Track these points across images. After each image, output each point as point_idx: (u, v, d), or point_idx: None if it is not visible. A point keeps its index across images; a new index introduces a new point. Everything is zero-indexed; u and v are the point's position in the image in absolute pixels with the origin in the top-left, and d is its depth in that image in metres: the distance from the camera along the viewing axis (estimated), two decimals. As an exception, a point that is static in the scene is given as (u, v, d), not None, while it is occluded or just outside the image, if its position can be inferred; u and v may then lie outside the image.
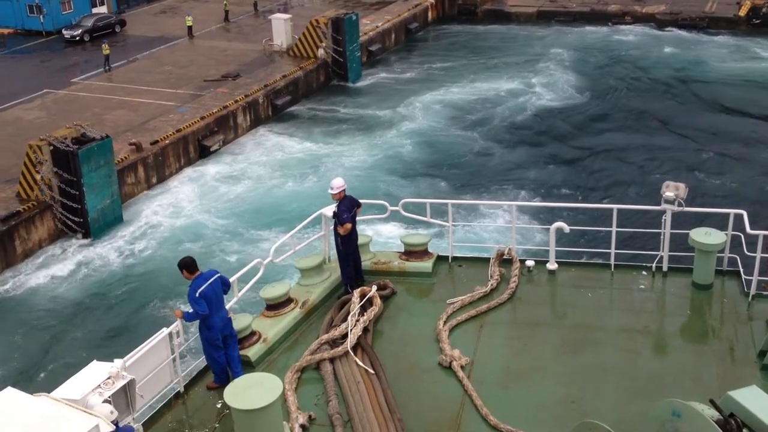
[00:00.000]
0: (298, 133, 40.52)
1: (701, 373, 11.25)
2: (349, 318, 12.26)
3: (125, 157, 33.76)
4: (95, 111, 40.02)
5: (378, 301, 12.92)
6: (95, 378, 9.16)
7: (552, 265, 14.16)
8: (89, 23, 54.60)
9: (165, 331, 10.93)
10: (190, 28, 54.09)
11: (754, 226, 12.80)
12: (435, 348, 12.00)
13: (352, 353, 11.68)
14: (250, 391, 8.98)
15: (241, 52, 50.15)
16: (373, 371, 11.37)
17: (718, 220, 14.22)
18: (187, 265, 11.20)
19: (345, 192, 13.46)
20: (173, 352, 11.06)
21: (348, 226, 13.26)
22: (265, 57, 48.70)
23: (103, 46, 47.49)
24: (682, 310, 13.10)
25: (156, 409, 11.07)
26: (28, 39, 55.32)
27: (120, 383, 9.04)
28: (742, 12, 56.11)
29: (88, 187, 30.10)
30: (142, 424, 10.21)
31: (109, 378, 9.08)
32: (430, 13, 61.05)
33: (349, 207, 13.39)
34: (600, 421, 7.87)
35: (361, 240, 14.18)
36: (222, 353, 11.34)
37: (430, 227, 20.26)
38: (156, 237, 31.06)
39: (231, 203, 33.56)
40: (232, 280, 11.84)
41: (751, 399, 7.48)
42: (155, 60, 49.23)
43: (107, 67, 47.01)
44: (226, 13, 57.79)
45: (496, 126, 40.89)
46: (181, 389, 11.46)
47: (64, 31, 54.06)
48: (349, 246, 13.52)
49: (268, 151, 38.57)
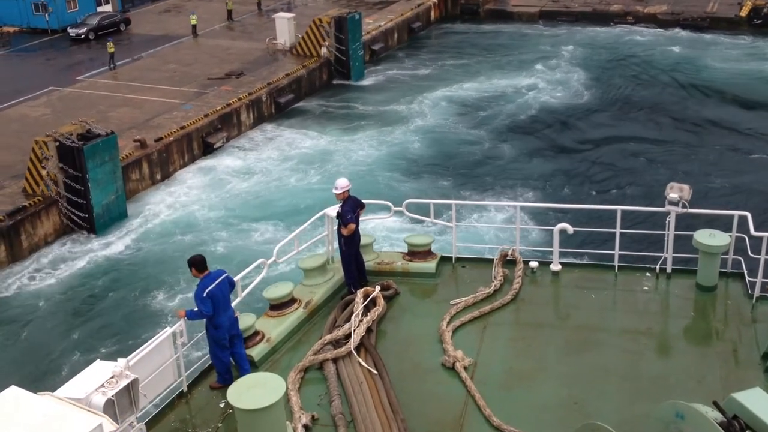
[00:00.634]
0: (300, 130, 40.58)
1: (705, 374, 11.22)
2: (353, 318, 12.25)
3: (130, 154, 33.88)
4: (100, 108, 40.13)
5: (381, 301, 12.92)
6: (99, 377, 9.16)
7: (555, 266, 14.15)
8: (94, 22, 54.76)
9: (168, 330, 10.92)
10: (195, 26, 54.14)
11: (758, 228, 12.77)
12: (438, 349, 11.98)
13: (356, 353, 11.67)
14: (254, 390, 8.97)
15: (244, 50, 50.19)
16: (376, 371, 11.36)
17: (722, 221, 14.17)
18: (197, 263, 11.21)
19: (349, 192, 13.44)
20: (176, 352, 11.05)
21: (352, 226, 13.24)
22: (269, 55, 48.75)
23: (107, 44, 47.62)
24: (686, 311, 13.07)
25: (159, 409, 11.08)
26: (34, 37, 55.47)
27: (123, 382, 9.04)
28: (743, 12, 56.10)
29: (93, 182, 30.26)
30: (146, 424, 10.21)
31: (112, 377, 9.08)
32: (432, 13, 61.03)
33: (353, 207, 13.36)
34: (603, 423, 7.86)
35: (365, 240, 14.15)
36: (228, 353, 11.36)
37: (432, 227, 20.25)
38: (159, 232, 31.20)
39: (235, 199, 33.65)
40: (235, 279, 11.84)
41: (755, 401, 7.45)
42: (160, 58, 49.29)
43: (112, 65, 47.12)
44: (229, 12, 57.79)
45: (499, 125, 40.86)
46: (185, 389, 11.47)
47: (69, 30, 54.24)
48: (352, 247, 13.49)
49: (271, 148, 38.66)
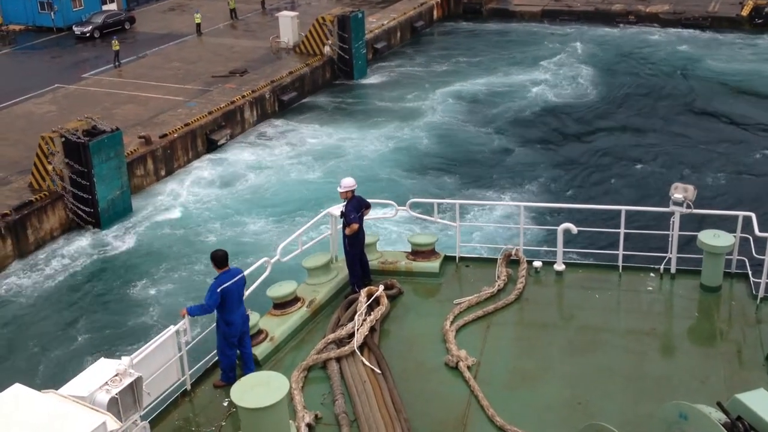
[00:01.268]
0: (303, 127, 40.61)
1: (708, 375, 11.20)
2: (356, 317, 12.25)
3: (135, 150, 34.03)
4: (105, 105, 40.21)
5: (385, 300, 12.91)
6: (103, 375, 9.15)
7: (559, 266, 14.13)
8: (99, 20, 54.85)
9: (172, 328, 10.91)
10: (199, 25, 54.17)
11: (763, 229, 12.73)
12: (441, 348, 11.98)
13: (359, 353, 11.67)
14: (257, 389, 8.98)
15: (248, 49, 50.21)
16: (379, 371, 11.35)
17: (726, 222, 14.13)
18: (217, 259, 11.26)
19: (354, 192, 13.40)
20: (180, 350, 11.06)
21: (354, 226, 13.22)
22: (272, 54, 48.76)
23: (112, 42, 47.71)
24: (690, 312, 13.04)
25: (163, 407, 11.07)
26: (39, 35, 55.54)
27: (127, 381, 9.03)
28: (745, 12, 56.04)
29: (99, 178, 30.42)
30: (149, 422, 10.22)
31: (116, 375, 9.09)
32: (435, 12, 60.97)
33: (356, 207, 13.35)
34: (607, 423, 7.85)
35: (369, 239, 14.14)
36: (235, 351, 11.39)
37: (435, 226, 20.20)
38: (164, 228, 31.32)
39: (238, 195, 33.72)
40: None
41: (759, 402, 7.45)
42: (164, 56, 49.34)
43: (117, 63, 47.19)
44: (231, 11, 57.80)
45: (502, 123, 40.79)
46: (188, 387, 11.47)
47: (75, 28, 54.33)
48: (356, 246, 13.47)
49: (274, 145, 38.70)
